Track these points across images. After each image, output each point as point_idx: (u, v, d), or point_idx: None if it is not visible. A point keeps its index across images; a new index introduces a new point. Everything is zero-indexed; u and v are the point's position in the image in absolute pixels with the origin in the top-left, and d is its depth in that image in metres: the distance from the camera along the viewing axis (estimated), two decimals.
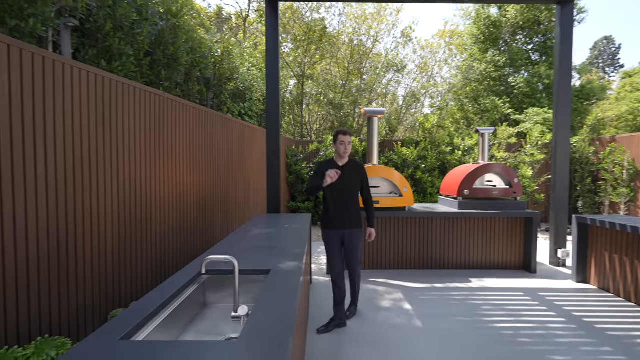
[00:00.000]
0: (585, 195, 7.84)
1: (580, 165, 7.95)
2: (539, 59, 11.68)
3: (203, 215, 3.88)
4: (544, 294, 3.77)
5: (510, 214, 4.47)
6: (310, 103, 12.83)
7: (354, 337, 2.81)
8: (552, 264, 4.91)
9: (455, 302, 3.52)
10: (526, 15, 11.03)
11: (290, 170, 8.05)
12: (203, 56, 4.57)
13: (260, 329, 1.14)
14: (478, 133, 5.04)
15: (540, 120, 9.30)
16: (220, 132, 4.38)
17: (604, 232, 3.87)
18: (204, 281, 1.77)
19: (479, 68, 11.72)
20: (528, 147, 7.85)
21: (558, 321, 3.08)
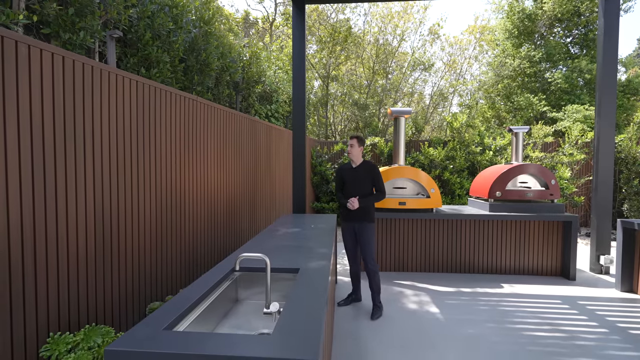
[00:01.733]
0: (632, 198, 7.26)
1: (626, 165, 7.37)
2: (578, 52, 10.97)
3: (232, 215, 4.02)
4: (584, 302, 3.54)
5: (547, 217, 4.24)
6: (335, 104, 12.85)
7: (380, 338, 2.80)
8: (593, 271, 4.60)
9: (485, 308, 3.40)
10: (565, 7, 10.39)
11: (315, 171, 8.11)
12: (232, 61, 4.73)
13: (292, 325, 1.18)
14: (511, 132, 4.82)
15: (580, 118, 8.73)
16: (248, 134, 4.52)
17: None
18: (237, 278, 1.85)
19: (512, 64, 11.19)
20: (567, 147, 7.40)
21: (600, 332, 2.89)
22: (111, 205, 2.22)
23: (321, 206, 7.88)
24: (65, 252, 1.90)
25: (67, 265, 1.91)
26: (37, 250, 1.74)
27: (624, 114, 9.88)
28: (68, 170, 1.91)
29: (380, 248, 4.58)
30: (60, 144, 1.86)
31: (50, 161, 1.81)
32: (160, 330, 1.15)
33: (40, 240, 1.76)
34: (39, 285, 1.76)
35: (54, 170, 1.83)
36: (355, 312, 3.30)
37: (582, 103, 9.78)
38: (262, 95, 5.93)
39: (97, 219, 2.11)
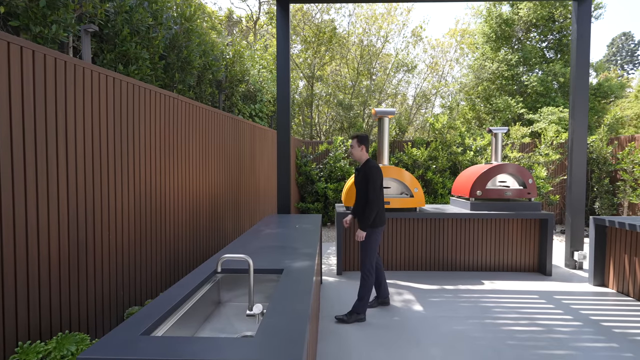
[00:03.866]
0: (603, 196, 7.63)
1: (597, 165, 7.75)
2: (553, 56, 11.43)
3: (215, 215, 3.94)
4: (559, 297, 3.69)
5: (524, 215, 4.39)
6: (320, 104, 12.86)
7: (365, 337, 2.81)
8: (567, 266, 4.80)
9: (467, 304, 3.48)
10: (540, 13, 10.81)
11: (300, 171, 8.09)
12: (215, 59, 4.65)
13: (276, 327, 1.16)
14: (491, 133, 4.97)
15: (555, 120, 9.10)
16: (231, 133, 4.45)
17: (623, 233, 3.77)
18: (219, 279, 1.81)
19: (490, 67, 11.54)
20: (542, 147, 7.69)
21: (574, 325, 3.02)
22: (86, 205, 2.13)
23: (306, 206, 7.86)
24: (36, 254, 1.80)
25: (38, 268, 1.82)
26: (5, 253, 1.65)
27: (595, 116, 10.37)
28: (39, 169, 1.81)
29: None
30: (30, 143, 1.77)
31: (19, 160, 1.71)
32: (137, 335, 1.11)
33: (8, 242, 1.66)
34: (6, 291, 1.66)
35: (23, 169, 1.73)
36: (340, 312, 3.30)
37: (556, 105, 10.20)
38: (246, 95, 5.85)
39: (71, 220, 2.02)
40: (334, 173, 7.89)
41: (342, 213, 4.43)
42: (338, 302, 3.54)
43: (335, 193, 7.67)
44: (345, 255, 4.62)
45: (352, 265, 4.63)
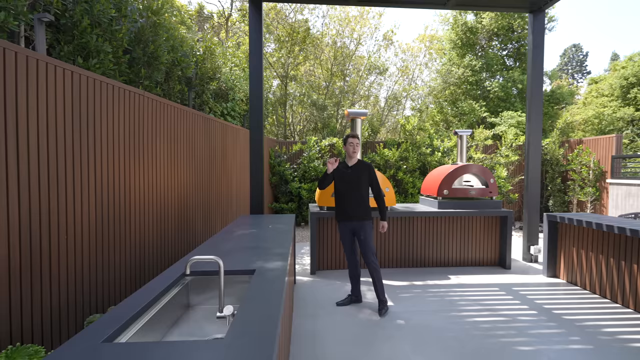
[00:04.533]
0: (556, 194, 8.27)
1: (550, 166, 8.38)
2: (513, 64, 12.21)
3: (184, 217, 3.81)
4: (517, 288, 3.95)
5: (487, 213, 4.66)
6: (294, 104, 12.83)
7: (339, 336, 2.85)
8: (525, 260, 5.15)
9: (435, 299, 3.63)
10: (500, 23, 11.51)
11: (274, 171, 8.02)
12: (184, 55, 4.50)
13: (246, 328, 1.15)
14: (456, 135, 5.22)
15: (514, 123, 9.72)
16: (202, 132, 4.32)
17: (572, 229, 4.11)
18: (188, 282, 1.76)
19: (457, 72, 12.11)
20: (503, 149, 8.20)
21: (531, 314, 3.25)
22: (40, 206, 1.98)
23: (280, 207, 7.81)
24: None
25: None
26: None
27: (549, 121, 11.21)
28: None
29: (338, 246, 4.67)
30: None
31: None
32: (98, 343, 1.06)
33: None
34: None
35: None
36: (314, 311, 3.32)
37: (515, 110, 10.91)
38: (218, 93, 5.71)
39: (23, 222, 1.87)
40: (308, 173, 7.91)
41: (316, 213, 4.45)
42: (312, 302, 3.55)
43: (309, 193, 7.69)
44: (319, 255, 4.65)
45: (326, 264, 4.67)
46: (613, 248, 3.57)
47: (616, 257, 3.53)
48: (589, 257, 3.86)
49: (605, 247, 3.66)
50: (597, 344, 2.69)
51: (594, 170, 7.60)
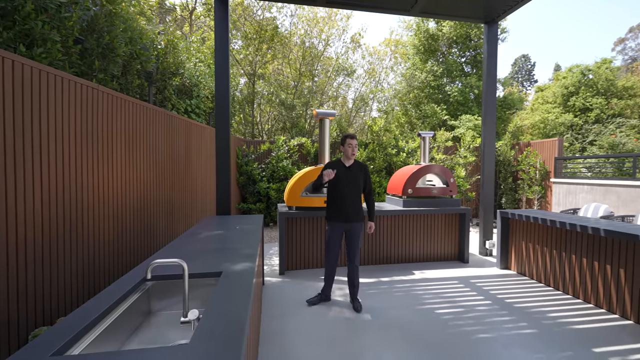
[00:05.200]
0: (508, 192, 8.95)
1: (503, 166, 9.06)
2: (470, 71, 13.01)
3: (145, 218, 3.61)
4: (474, 280, 4.23)
5: (447, 211, 4.93)
6: (262, 103, 12.63)
7: (307, 336, 2.86)
8: (481, 254, 5.52)
9: (400, 294, 3.78)
10: (459, 31, 12.22)
11: (241, 171, 7.85)
12: (144, 48, 4.25)
13: (212, 332, 1.12)
14: (420, 136, 5.45)
15: (471, 126, 10.36)
16: (164, 130, 4.12)
17: (521, 224, 4.48)
18: (149, 287, 1.67)
19: (420, 77, 12.66)
20: (462, 150, 8.71)
21: (486, 304, 3.49)
22: None
23: (248, 207, 7.66)
24: None
25: None
26: None
27: (501, 125, 12.10)
28: None
29: (307, 246, 4.68)
30: None
31: None
32: (47, 357, 0.97)
33: None
34: None
35: None
36: (283, 311, 3.30)
37: (472, 114, 11.63)
38: (181, 89, 5.47)
39: None
40: (277, 173, 7.84)
41: (284, 213, 4.43)
42: (281, 302, 3.53)
43: (278, 193, 7.62)
44: (288, 255, 4.63)
45: (295, 264, 4.66)
46: (555, 241, 3.94)
47: (558, 249, 3.90)
48: (536, 249, 4.23)
49: (549, 240, 4.03)
50: (541, 328, 2.96)
51: (540, 170, 8.33)
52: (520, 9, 7.83)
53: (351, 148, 3.21)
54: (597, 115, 12.33)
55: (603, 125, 11.69)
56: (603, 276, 3.38)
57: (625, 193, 6.35)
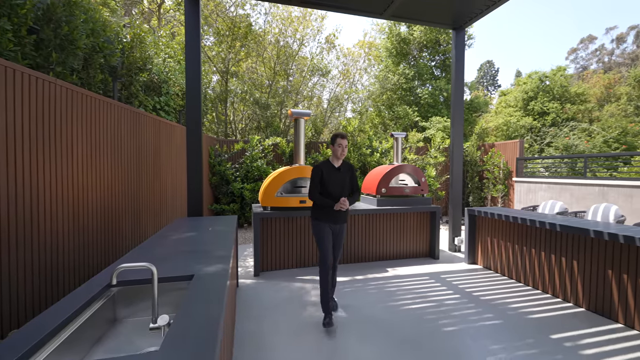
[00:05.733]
0: (474, 191, 9.41)
1: (470, 166, 9.51)
2: (439, 74, 13.53)
3: (109, 221, 3.41)
4: (444, 276, 4.40)
5: (419, 209, 5.09)
6: (235, 101, 12.37)
7: (283, 337, 2.84)
8: (450, 250, 5.76)
9: (374, 291, 3.85)
10: (429, 36, 12.68)
11: (214, 171, 7.64)
12: (108, 41, 4.02)
13: (184, 337, 1.08)
14: (393, 137, 5.59)
15: (441, 128, 10.78)
16: (130, 128, 3.92)
17: (487, 221, 4.72)
18: (114, 294, 1.58)
19: (393, 79, 12.98)
20: (432, 151, 9.04)
21: (455, 297, 3.65)
22: None
23: (221, 208, 7.47)
24: None
25: None
26: None
27: (468, 127, 12.69)
28: None
29: (282, 246, 4.65)
30: None
31: None
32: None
33: None
34: None
35: None
36: (258, 313, 3.26)
37: (442, 116, 12.10)
38: (149, 85, 5.23)
39: None
40: (251, 173, 7.71)
41: (259, 213, 4.37)
42: (256, 304, 3.48)
43: (252, 193, 7.50)
44: (262, 256, 4.57)
45: (270, 265, 4.61)
46: (517, 236, 4.20)
47: (520, 244, 4.16)
48: (500, 244, 4.48)
49: (512, 235, 4.28)
50: (505, 318, 3.15)
51: (503, 170, 8.84)
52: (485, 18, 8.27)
53: (341, 148, 3.06)
54: (553, 119, 13.27)
55: (558, 128, 12.61)
56: (559, 268, 3.65)
57: (578, 191, 6.90)
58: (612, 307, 3.13)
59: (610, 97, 17.43)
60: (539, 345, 2.68)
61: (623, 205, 6.00)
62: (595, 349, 2.63)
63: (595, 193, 6.53)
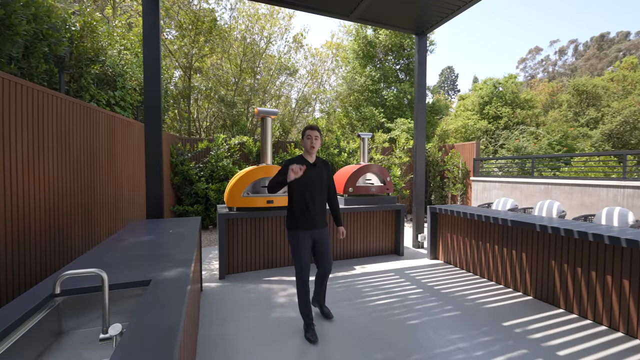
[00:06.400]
0: (436, 190, 9.88)
1: (432, 166, 9.97)
2: (404, 78, 14.03)
3: (55, 223, 3.12)
4: (409, 271, 4.57)
5: (385, 208, 5.24)
6: (199, 98, 11.91)
7: (249, 338, 2.78)
8: (414, 246, 6.00)
9: (342, 289, 3.90)
10: (394, 40, 13.10)
11: (176, 171, 7.29)
12: (53, 28, 3.67)
13: (139, 346, 1.02)
14: (360, 137, 5.70)
15: (405, 129, 11.18)
16: (80, 124, 3.61)
17: (447, 218, 4.98)
18: (59, 304, 1.44)
19: (359, 80, 13.24)
20: (397, 151, 9.35)
21: (418, 292, 3.80)
22: None
23: (184, 209, 7.15)
24: None
25: None
26: None
27: (430, 128, 13.29)
28: None
29: (249, 248, 4.55)
30: None
31: None
32: None
33: None
34: None
35: None
36: (224, 317, 3.16)
37: (406, 117, 12.57)
38: (102, 79, 4.86)
39: None
40: (216, 173, 7.47)
41: (224, 214, 4.24)
42: (221, 308, 3.37)
43: (217, 194, 7.26)
44: (228, 258, 4.44)
45: (236, 267, 4.49)
46: (474, 231, 4.47)
47: (476, 239, 4.43)
48: (459, 240, 4.74)
49: (469, 231, 4.55)
50: (463, 309, 3.33)
51: (462, 170, 9.37)
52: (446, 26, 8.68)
53: (310, 140, 2.79)
54: (505, 123, 14.32)
55: (510, 131, 13.63)
56: (510, 260, 3.94)
57: (526, 189, 7.50)
58: (554, 295, 3.44)
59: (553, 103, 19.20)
60: (493, 333, 2.88)
61: (564, 202, 6.62)
62: (541, 333, 2.88)
63: (541, 191, 7.15)
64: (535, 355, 2.54)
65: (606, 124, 14.91)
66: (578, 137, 14.34)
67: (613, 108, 15.35)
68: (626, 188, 5.62)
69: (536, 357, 2.52)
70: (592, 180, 6.20)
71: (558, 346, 2.67)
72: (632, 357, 2.51)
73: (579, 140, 14.03)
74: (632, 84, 16.59)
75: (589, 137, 14.66)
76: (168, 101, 7.70)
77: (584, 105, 16.83)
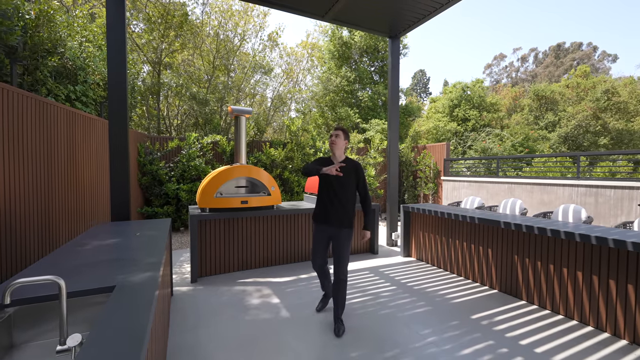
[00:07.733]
0: (409, 189, 10.17)
1: (405, 166, 10.25)
2: (378, 79, 14.30)
3: (7, 230, 2.87)
4: (383, 269, 4.66)
5: (360, 207, 5.31)
6: (170, 95, 11.46)
7: (222, 343, 2.71)
8: (388, 244, 6.13)
9: (318, 289, 3.90)
10: (369, 42, 13.33)
11: (144, 171, 6.96)
12: (3, 15, 3.38)
13: (100, 357, 0.95)
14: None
15: (380, 130, 11.41)
16: (35, 120, 3.35)
17: (419, 216, 5.13)
18: (10, 315, 1.32)
19: (335, 81, 13.34)
20: (372, 152, 9.51)
21: (392, 289, 3.89)
22: None
23: (153, 211, 6.84)
24: None
25: None
26: None
27: (404, 130, 13.66)
28: None
29: (222, 249, 4.44)
30: None
31: None
32: None
33: None
34: None
35: None
36: (195, 322, 3.05)
37: (380, 118, 12.83)
38: (61, 72, 4.53)
39: None
40: (188, 172, 7.21)
41: (196, 215, 4.10)
42: (193, 312, 3.26)
43: (189, 194, 7.02)
44: (200, 261, 4.30)
45: (209, 269, 4.37)
46: (444, 229, 4.64)
47: (446, 236, 4.61)
48: (430, 237, 4.91)
49: (440, 228, 4.72)
50: (434, 305, 3.45)
51: (433, 170, 9.71)
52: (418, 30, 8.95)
53: (330, 140, 2.87)
54: (473, 125, 15.01)
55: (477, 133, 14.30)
56: (477, 256, 4.13)
57: (492, 188, 7.91)
58: (517, 288, 3.66)
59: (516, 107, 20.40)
60: (462, 327, 3.00)
61: (526, 200, 7.05)
62: (505, 324, 3.04)
63: (506, 189, 7.56)
64: (500, 345, 2.69)
65: (562, 127, 16.08)
66: (538, 139, 15.34)
67: (568, 112, 16.58)
68: (579, 187, 6.09)
69: (501, 347, 2.66)
70: (550, 179, 6.65)
71: (520, 336, 2.84)
72: (585, 343, 2.72)
73: (539, 142, 15.02)
74: (584, 91, 18.00)
75: (547, 139, 15.73)
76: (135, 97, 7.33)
77: (543, 110, 18.04)
